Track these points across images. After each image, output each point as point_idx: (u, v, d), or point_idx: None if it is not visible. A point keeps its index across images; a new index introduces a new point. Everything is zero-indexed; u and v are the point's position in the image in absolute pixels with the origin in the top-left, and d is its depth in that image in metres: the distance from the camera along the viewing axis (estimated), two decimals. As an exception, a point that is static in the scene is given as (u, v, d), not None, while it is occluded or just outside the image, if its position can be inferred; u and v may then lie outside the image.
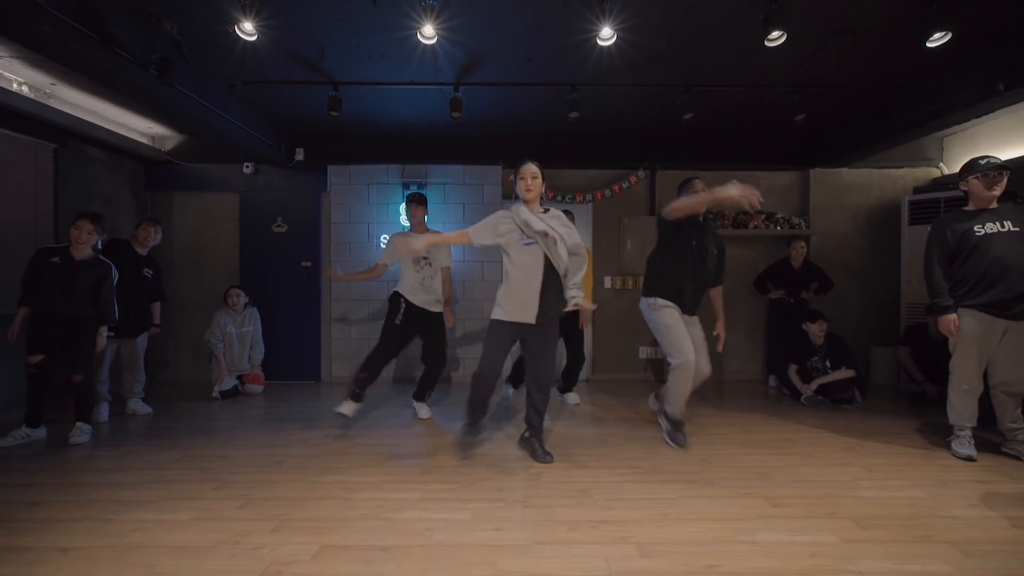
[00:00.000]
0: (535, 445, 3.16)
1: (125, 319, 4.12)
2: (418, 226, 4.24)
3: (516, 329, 3.02)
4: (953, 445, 3.21)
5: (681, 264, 3.38)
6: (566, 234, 2.99)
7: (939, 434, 3.57)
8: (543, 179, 3.06)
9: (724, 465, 3.02)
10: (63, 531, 2.24)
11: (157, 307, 4.47)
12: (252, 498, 2.56)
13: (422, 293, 4.08)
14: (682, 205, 3.20)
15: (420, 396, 4.26)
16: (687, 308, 3.41)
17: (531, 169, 3.03)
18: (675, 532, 2.21)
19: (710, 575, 1.88)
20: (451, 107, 4.23)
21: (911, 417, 4.09)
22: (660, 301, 3.39)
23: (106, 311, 3.66)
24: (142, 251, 4.29)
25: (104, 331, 3.70)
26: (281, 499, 2.55)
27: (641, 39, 3.43)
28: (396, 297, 4.11)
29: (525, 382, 3.27)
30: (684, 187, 3.48)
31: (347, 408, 3.80)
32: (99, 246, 3.70)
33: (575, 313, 4.59)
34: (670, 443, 3.39)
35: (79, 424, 3.56)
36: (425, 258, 4.14)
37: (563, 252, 2.97)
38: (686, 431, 3.45)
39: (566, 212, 4.75)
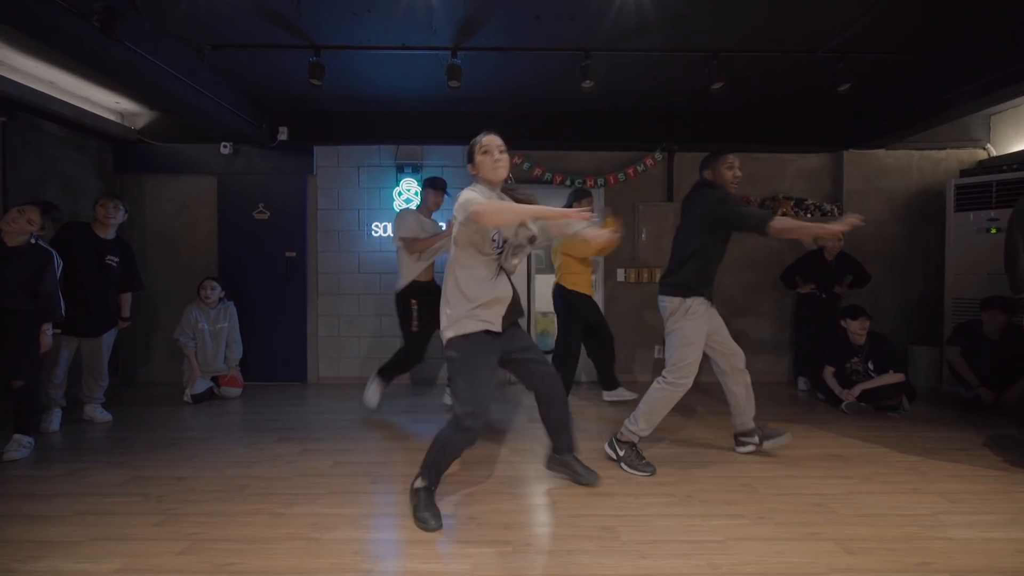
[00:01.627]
0: (574, 466, 2.64)
1: (87, 314, 3.65)
2: (427, 213, 3.96)
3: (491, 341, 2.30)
4: (1038, 466, 2.73)
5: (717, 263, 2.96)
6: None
7: (1010, 449, 3.07)
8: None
9: (773, 492, 2.53)
10: (-49, 588, 1.76)
11: (128, 298, 4.01)
12: (199, 539, 2.07)
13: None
14: (790, 227, 2.76)
15: None
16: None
17: (497, 141, 2.38)
18: (732, 594, 1.72)
19: (791, 667, 1.40)
20: (448, 75, 3.71)
21: (969, 428, 3.59)
22: (696, 301, 2.84)
23: (49, 306, 3.16)
24: (105, 234, 3.78)
25: (48, 329, 3.20)
26: (234, 541, 2.06)
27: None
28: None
29: (537, 401, 2.61)
30: (714, 160, 2.97)
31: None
32: (35, 240, 3.19)
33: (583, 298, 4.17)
34: (631, 471, 2.79)
35: (16, 436, 3.07)
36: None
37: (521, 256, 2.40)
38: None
39: (581, 191, 4.25)
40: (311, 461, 2.97)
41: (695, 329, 2.81)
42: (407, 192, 5.04)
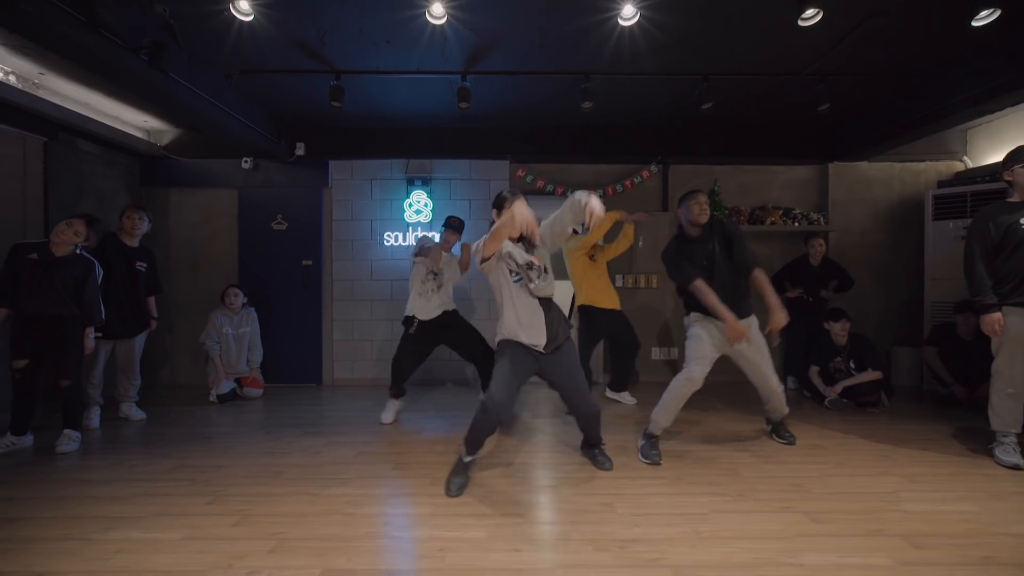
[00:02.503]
0: (596, 456, 3.04)
1: (120, 318, 3.95)
2: (445, 249, 4.10)
3: (528, 355, 2.73)
4: (997, 452, 3.01)
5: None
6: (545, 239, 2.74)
7: (977, 440, 3.36)
8: None
9: (754, 475, 2.82)
10: (42, 552, 2.05)
11: (153, 300, 4.29)
12: (248, 514, 2.37)
13: (427, 307, 3.96)
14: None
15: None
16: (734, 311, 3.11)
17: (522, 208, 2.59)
18: (711, 553, 2.01)
19: (758, 605, 1.69)
20: (459, 97, 4.03)
21: (942, 421, 3.88)
22: (694, 315, 3.27)
23: (91, 311, 3.46)
24: (132, 243, 4.08)
25: (91, 332, 3.50)
26: (279, 515, 2.36)
27: (666, 18, 3.21)
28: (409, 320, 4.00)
29: (575, 417, 3.05)
30: (684, 200, 3.31)
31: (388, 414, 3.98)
32: (79, 249, 3.50)
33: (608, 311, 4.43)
34: (643, 459, 3.10)
35: (67, 431, 3.37)
36: (434, 273, 4.00)
37: (548, 281, 2.75)
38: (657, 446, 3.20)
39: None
40: (336, 452, 3.26)
41: (695, 328, 3.20)
42: (417, 203, 5.35)
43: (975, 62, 3.87)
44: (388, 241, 5.42)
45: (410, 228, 5.41)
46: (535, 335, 2.68)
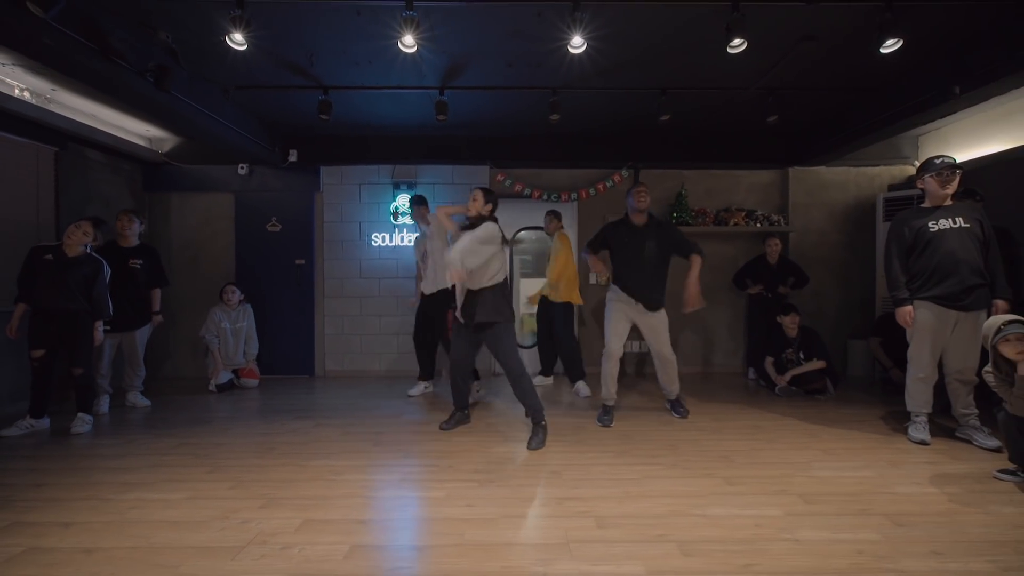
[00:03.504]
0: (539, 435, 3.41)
1: (122, 313, 4.29)
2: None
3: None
4: (909, 430, 3.39)
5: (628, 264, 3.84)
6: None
7: (901, 421, 3.73)
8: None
9: (691, 450, 3.20)
10: (67, 508, 2.42)
11: (157, 294, 4.58)
12: (243, 480, 2.74)
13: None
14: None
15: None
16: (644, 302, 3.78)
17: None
18: (633, 507, 2.39)
19: (659, 543, 2.06)
20: (436, 110, 4.40)
21: (879, 406, 4.27)
22: (611, 294, 3.91)
23: (100, 306, 3.83)
24: (127, 244, 4.43)
25: (100, 326, 3.87)
26: (270, 481, 2.73)
27: (611, 47, 3.60)
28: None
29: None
30: (629, 192, 3.94)
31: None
32: (88, 249, 3.86)
33: (548, 304, 4.94)
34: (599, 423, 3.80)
35: (80, 415, 3.74)
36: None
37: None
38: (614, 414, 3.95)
39: (552, 212, 5.00)
40: (324, 432, 3.63)
41: (610, 311, 3.88)
42: (402, 206, 5.72)
43: (902, 80, 4.25)
44: (376, 241, 5.79)
45: (396, 229, 5.78)
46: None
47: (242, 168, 5.71)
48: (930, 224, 3.29)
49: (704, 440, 3.38)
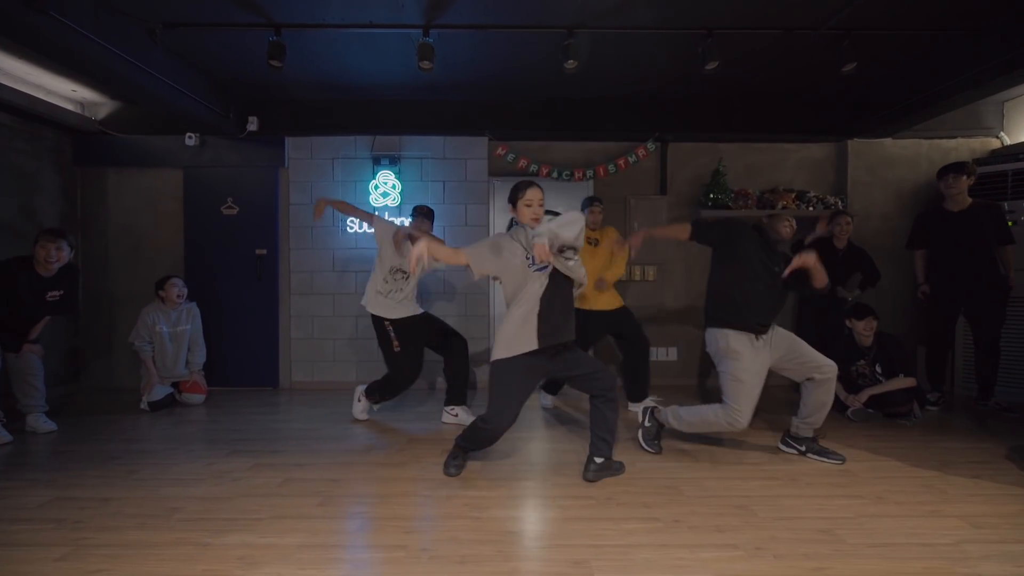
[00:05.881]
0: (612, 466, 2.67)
1: (18, 338, 3.47)
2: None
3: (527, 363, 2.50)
4: (1072, 484, 2.43)
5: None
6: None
7: (1039, 463, 2.78)
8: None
9: (772, 515, 2.23)
10: None
11: (42, 323, 3.61)
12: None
13: (395, 306, 3.58)
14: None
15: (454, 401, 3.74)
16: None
17: (539, 194, 2.54)
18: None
19: None
20: (420, 55, 3.41)
21: (987, 437, 3.30)
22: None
23: None
24: (47, 273, 3.46)
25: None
26: (141, 579, 1.77)
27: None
28: (379, 322, 3.59)
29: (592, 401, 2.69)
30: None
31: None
32: None
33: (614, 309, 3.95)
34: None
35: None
36: (403, 271, 3.58)
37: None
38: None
39: (595, 200, 4.03)
40: (260, 478, 2.67)
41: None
42: (384, 186, 4.75)
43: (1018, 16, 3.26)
44: (352, 228, 4.81)
45: (376, 213, 4.80)
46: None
47: (191, 138, 4.72)
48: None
49: (785, 498, 2.40)
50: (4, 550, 1.97)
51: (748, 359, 2.77)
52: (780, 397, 4.42)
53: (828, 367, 2.83)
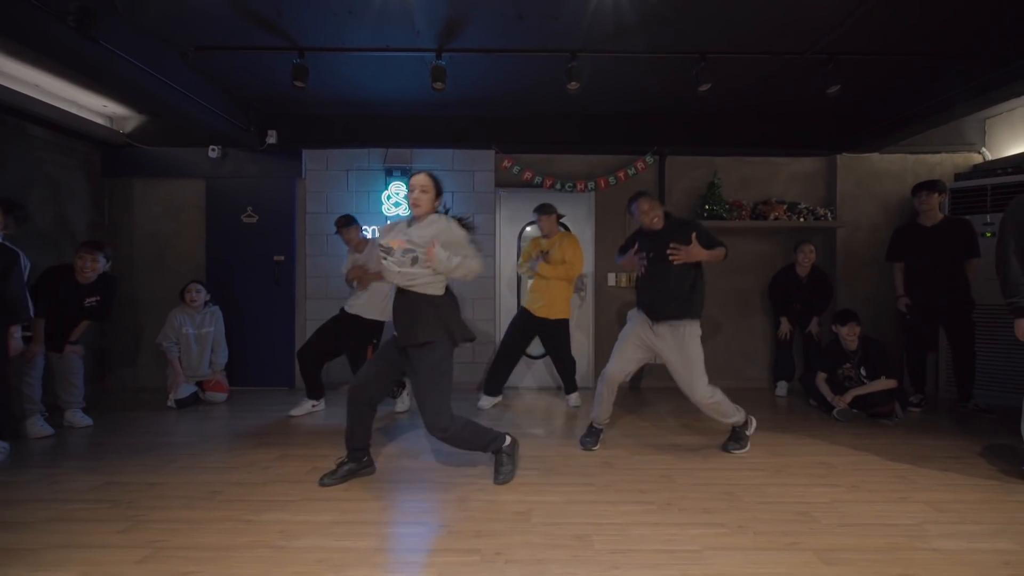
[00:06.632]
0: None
1: (59, 334, 3.72)
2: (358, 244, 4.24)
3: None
4: (1032, 475, 2.66)
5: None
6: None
7: (1008, 459, 3.00)
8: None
9: (755, 500, 2.47)
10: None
11: (82, 327, 3.86)
12: (161, 547, 2.02)
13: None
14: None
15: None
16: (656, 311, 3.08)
17: (419, 179, 2.66)
18: (703, 606, 1.66)
19: None
20: (433, 76, 3.68)
21: (963, 435, 3.52)
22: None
23: (14, 307, 3.10)
24: (85, 280, 3.74)
25: (17, 332, 3.15)
26: (197, 549, 2.01)
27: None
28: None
29: None
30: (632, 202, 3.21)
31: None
32: (1, 239, 3.15)
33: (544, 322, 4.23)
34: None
35: (-8, 443, 3.03)
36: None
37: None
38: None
39: (545, 209, 4.31)
40: (287, 467, 2.91)
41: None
42: (396, 195, 5.00)
43: (1000, 41, 3.51)
44: (366, 235, 5.04)
45: (388, 221, 5.04)
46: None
47: (213, 151, 5.00)
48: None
49: (769, 486, 2.64)
50: (70, 524, 2.21)
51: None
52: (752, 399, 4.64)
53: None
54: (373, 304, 4.07)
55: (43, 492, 2.57)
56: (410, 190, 2.64)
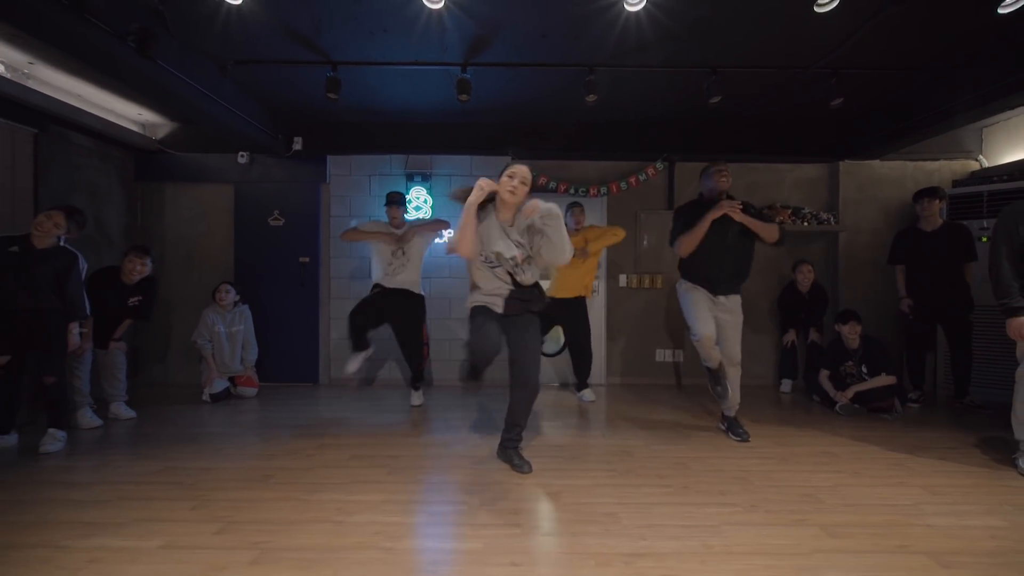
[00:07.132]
0: (512, 456, 2.92)
1: (105, 331, 3.96)
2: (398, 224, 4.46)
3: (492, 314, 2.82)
4: (1020, 463, 2.87)
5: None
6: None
7: (1000, 450, 3.21)
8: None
9: (765, 484, 2.69)
10: (11, 561, 1.93)
11: (126, 324, 4.09)
12: (232, 521, 2.25)
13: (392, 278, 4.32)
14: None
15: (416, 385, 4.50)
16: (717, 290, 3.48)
17: (523, 171, 2.79)
18: (725, 571, 1.88)
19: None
20: (458, 89, 3.90)
21: (959, 429, 3.74)
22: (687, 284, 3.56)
23: (75, 305, 3.34)
24: (130, 282, 4.00)
25: (76, 328, 3.38)
26: (265, 522, 2.23)
27: (674, 3, 3.07)
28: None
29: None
30: (705, 174, 3.59)
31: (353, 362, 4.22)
32: (62, 241, 3.39)
33: (572, 303, 4.51)
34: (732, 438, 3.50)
35: (51, 431, 3.24)
36: (402, 250, 4.33)
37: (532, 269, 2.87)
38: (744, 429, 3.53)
39: (575, 204, 4.51)
40: (329, 454, 3.13)
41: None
42: (416, 200, 5.23)
43: (997, 56, 3.73)
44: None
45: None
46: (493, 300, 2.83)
47: (242, 156, 5.22)
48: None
49: (778, 472, 2.86)
50: (142, 502, 2.44)
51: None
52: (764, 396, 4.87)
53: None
54: (415, 278, 4.40)
55: (110, 475, 2.79)
56: (510, 177, 2.71)
